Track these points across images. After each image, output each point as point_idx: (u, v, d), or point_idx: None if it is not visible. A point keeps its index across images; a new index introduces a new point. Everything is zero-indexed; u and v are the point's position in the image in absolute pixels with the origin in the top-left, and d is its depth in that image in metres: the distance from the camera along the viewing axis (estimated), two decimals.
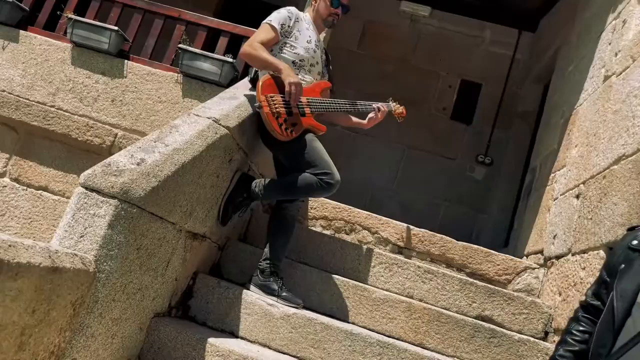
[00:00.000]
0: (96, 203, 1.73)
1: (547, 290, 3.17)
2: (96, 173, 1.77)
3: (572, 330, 1.67)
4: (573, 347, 1.62)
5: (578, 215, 2.99)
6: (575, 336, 1.64)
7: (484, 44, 6.29)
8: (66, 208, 1.74)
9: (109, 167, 1.80)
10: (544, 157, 4.15)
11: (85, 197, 1.74)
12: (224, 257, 2.92)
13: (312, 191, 2.64)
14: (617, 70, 3.06)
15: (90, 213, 1.73)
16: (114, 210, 1.74)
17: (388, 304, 2.78)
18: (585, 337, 1.62)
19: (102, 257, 1.72)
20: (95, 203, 1.73)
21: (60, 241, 1.69)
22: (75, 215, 1.73)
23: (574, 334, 1.65)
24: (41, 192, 3.79)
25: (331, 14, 2.87)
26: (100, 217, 1.72)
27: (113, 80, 3.88)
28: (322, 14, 2.87)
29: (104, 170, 1.78)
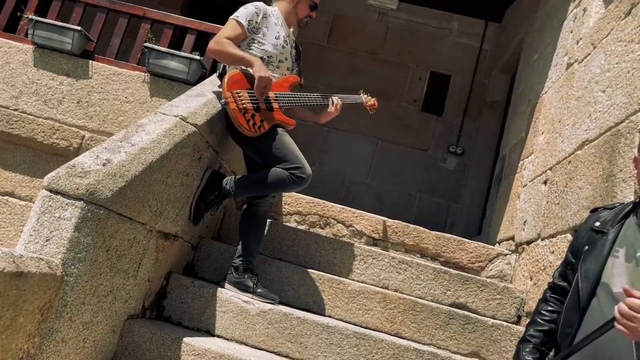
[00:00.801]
0: (61, 206, 1.70)
1: (519, 275, 3.23)
2: (60, 175, 1.74)
3: (541, 310, 1.71)
4: (542, 326, 1.66)
5: (546, 200, 3.05)
6: (544, 316, 1.68)
7: (452, 36, 6.36)
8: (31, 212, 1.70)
9: (74, 168, 1.77)
10: (512, 146, 4.22)
11: (49, 200, 1.71)
12: (197, 256, 2.90)
13: (284, 186, 2.63)
14: (578, 57, 3.12)
15: (55, 216, 1.69)
16: (80, 212, 1.71)
17: (364, 296, 2.79)
18: (554, 317, 1.65)
19: (70, 261, 1.70)
20: (61, 206, 1.70)
21: (26, 246, 1.65)
22: (40, 218, 1.69)
23: (543, 314, 1.69)
24: (7, 198, 3.70)
25: (307, 16, 2.89)
26: (66, 220, 1.69)
27: (78, 81, 3.80)
28: (299, 13, 2.88)
29: (68, 172, 1.75)
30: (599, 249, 1.55)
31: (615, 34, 2.63)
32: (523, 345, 1.66)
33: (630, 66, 2.36)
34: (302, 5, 2.86)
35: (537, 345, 1.64)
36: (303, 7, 2.86)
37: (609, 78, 2.57)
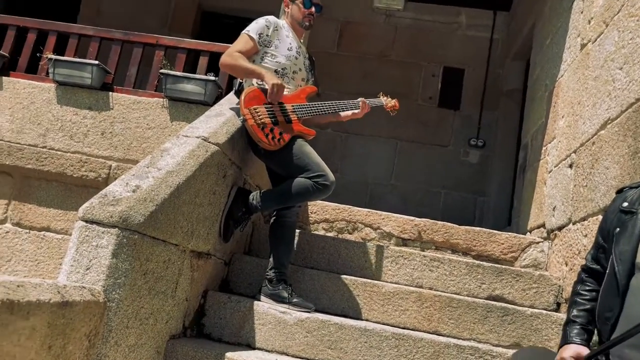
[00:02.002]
0: (98, 234, 1.76)
1: (554, 262, 3.20)
2: (94, 205, 1.81)
3: (579, 291, 1.70)
4: (585, 305, 1.65)
5: (574, 184, 3.02)
6: (584, 295, 1.67)
7: (461, 29, 6.35)
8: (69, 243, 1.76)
9: (106, 197, 1.83)
10: (534, 132, 4.19)
11: (86, 230, 1.77)
12: (231, 272, 2.95)
13: (309, 195, 2.67)
14: (592, 37, 3.09)
15: (93, 245, 1.76)
16: (115, 239, 1.76)
17: (399, 296, 2.80)
18: (594, 296, 1.64)
19: (111, 287, 1.75)
20: (97, 234, 1.76)
21: (68, 276, 1.71)
22: (79, 248, 1.75)
23: (583, 294, 1.68)
24: (44, 232, 3.81)
25: (305, 16, 2.90)
26: (103, 248, 1.75)
27: (100, 113, 3.92)
28: (296, 17, 2.90)
29: (101, 201, 1.81)
30: (630, 229, 1.54)
31: (626, 9, 2.60)
32: (570, 326, 1.64)
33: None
34: (294, 9, 2.90)
35: (584, 325, 1.62)
36: (296, 10, 2.89)
37: (624, 55, 2.55)
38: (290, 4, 2.91)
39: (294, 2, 2.89)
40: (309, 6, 2.87)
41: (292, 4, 2.90)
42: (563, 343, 1.62)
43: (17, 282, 1.31)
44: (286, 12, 2.94)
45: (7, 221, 3.86)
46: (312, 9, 2.89)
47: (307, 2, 2.87)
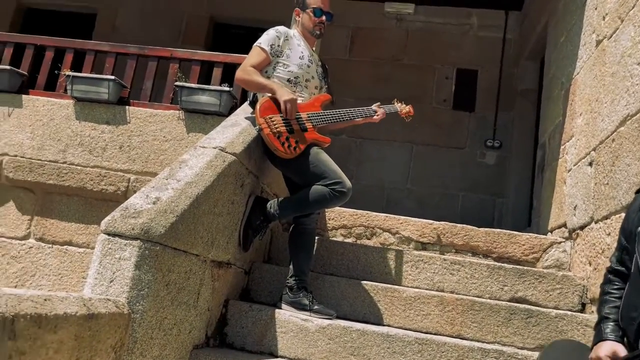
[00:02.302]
0: (120, 247, 1.78)
1: (577, 262, 3.15)
2: (115, 218, 1.83)
3: (608, 290, 1.68)
4: (615, 303, 1.63)
5: (594, 182, 2.98)
6: (614, 294, 1.65)
7: (473, 30, 6.33)
8: (92, 257, 1.79)
9: (127, 210, 1.86)
10: (551, 131, 4.15)
11: (108, 242, 1.79)
12: (251, 280, 2.96)
13: (326, 202, 2.67)
14: (607, 33, 3.06)
15: (116, 257, 1.78)
16: (137, 251, 1.78)
17: (420, 301, 2.78)
18: (622, 293, 1.62)
19: (134, 298, 1.77)
20: (119, 247, 1.78)
21: (92, 289, 1.74)
22: (102, 261, 1.78)
23: (612, 293, 1.66)
24: (66, 247, 3.87)
25: (316, 24, 2.91)
26: (126, 260, 1.77)
27: (118, 127, 3.97)
28: (307, 26, 2.92)
29: (122, 214, 1.84)
30: None
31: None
32: (603, 323, 1.61)
33: None
34: (305, 18, 2.91)
35: (617, 322, 1.60)
36: (307, 19, 2.91)
37: None
38: (301, 13, 2.93)
39: (305, 11, 2.91)
40: (319, 15, 2.89)
41: (302, 13, 2.92)
42: (597, 340, 1.60)
43: (44, 295, 1.33)
44: (297, 21, 2.96)
45: (30, 236, 3.93)
46: (322, 18, 2.90)
47: (318, 11, 2.88)
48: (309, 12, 2.90)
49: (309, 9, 2.89)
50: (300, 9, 2.93)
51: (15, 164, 3.94)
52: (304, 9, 2.91)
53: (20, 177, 3.91)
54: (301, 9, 2.93)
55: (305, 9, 2.91)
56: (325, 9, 2.90)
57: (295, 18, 2.99)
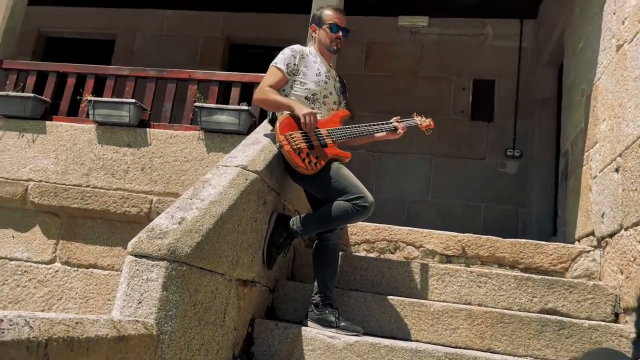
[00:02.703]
0: (147, 268, 1.79)
1: (608, 270, 3.08)
2: (142, 239, 1.84)
3: None
4: None
5: (622, 188, 2.92)
6: None
7: (488, 40, 6.31)
8: (120, 279, 1.79)
9: (153, 231, 1.87)
10: (573, 138, 4.09)
11: (136, 264, 1.80)
12: (276, 298, 2.94)
13: (349, 217, 2.65)
14: (627, 37, 3.03)
15: (143, 279, 1.78)
16: (165, 271, 1.79)
17: (448, 315, 2.74)
18: None
19: (162, 319, 1.77)
20: (147, 268, 1.79)
21: (121, 311, 1.74)
22: (130, 283, 1.78)
23: None
24: (91, 269, 3.90)
25: (333, 40, 2.92)
26: (153, 281, 1.77)
27: (139, 149, 4.02)
28: (324, 42, 2.94)
29: (148, 235, 1.85)
30: None
31: None
32: None
33: None
34: (322, 34, 2.93)
35: None
36: (324, 35, 2.92)
37: None
38: (317, 29, 2.95)
39: (321, 27, 2.93)
40: (336, 30, 2.91)
41: (319, 29, 2.94)
42: None
43: (76, 319, 1.34)
44: (314, 37, 2.98)
45: (56, 260, 3.97)
46: (339, 33, 2.92)
47: (334, 27, 2.90)
48: (325, 28, 2.91)
49: (325, 25, 2.91)
50: (317, 25, 2.95)
51: (41, 189, 4.00)
52: (320, 25, 2.93)
53: (45, 202, 3.97)
54: (317, 26, 2.95)
55: (322, 25, 2.93)
56: (342, 24, 2.92)
57: (311, 35, 3.01)
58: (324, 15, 2.93)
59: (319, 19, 2.94)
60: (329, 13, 2.93)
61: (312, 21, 2.98)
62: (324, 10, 2.95)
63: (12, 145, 4.19)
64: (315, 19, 2.96)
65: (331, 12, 2.94)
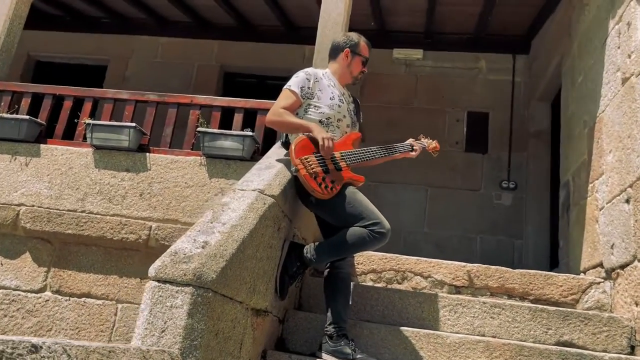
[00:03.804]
0: (171, 294, 1.69)
1: (620, 302, 3.05)
2: (166, 264, 1.74)
3: None
4: None
5: (634, 219, 2.91)
6: None
7: (482, 74, 6.40)
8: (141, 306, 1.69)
9: (176, 255, 1.77)
10: (575, 170, 4.11)
11: (159, 290, 1.70)
12: (286, 329, 2.83)
13: (365, 245, 2.58)
14: (634, 70, 3.07)
15: (167, 305, 1.68)
16: (190, 298, 1.69)
17: (465, 347, 2.66)
18: None
19: (187, 349, 1.66)
20: (171, 294, 1.68)
21: (143, 340, 1.63)
22: (153, 310, 1.68)
23: None
24: (84, 299, 3.73)
25: (360, 72, 2.96)
26: (178, 308, 1.67)
27: (138, 174, 3.91)
28: (353, 70, 2.94)
29: (172, 259, 1.75)
30: None
31: None
32: None
33: None
34: (355, 63, 2.93)
35: None
36: (357, 64, 2.93)
37: None
38: (351, 55, 2.93)
39: (357, 55, 2.92)
40: (365, 64, 2.97)
41: (353, 55, 2.93)
42: None
43: (108, 347, 1.24)
44: (343, 60, 2.94)
45: (47, 289, 3.79)
46: (365, 69, 2.97)
47: (366, 61, 2.96)
48: (359, 58, 2.93)
49: (360, 56, 2.93)
50: (352, 52, 2.93)
51: (33, 214, 3.85)
52: (356, 53, 2.93)
53: (37, 227, 3.82)
54: (352, 52, 2.93)
55: (357, 54, 2.93)
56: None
57: (341, 56, 2.96)
58: (362, 46, 2.94)
59: (356, 46, 2.93)
60: (365, 45, 2.96)
61: (347, 44, 2.95)
62: (362, 39, 2.96)
63: (3, 169, 4.04)
64: (352, 44, 2.94)
65: (367, 46, 2.97)
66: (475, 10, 5.66)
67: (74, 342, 1.15)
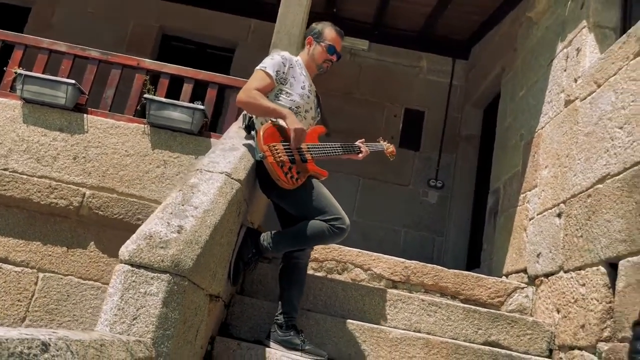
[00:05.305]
0: (146, 280, 1.59)
1: (541, 308, 3.29)
2: (141, 248, 1.63)
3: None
4: None
5: (564, 233, 3.15)
6: None
7: (422, 73, 6.57)
8: (108, 289, 1.58)
9: (152, 239, 1.67)
10: (507, 179, 4.36)
11: (132, 274, 1.59)
12: (231, 314, 2.78)
13: (325, 238, 2.59)
14: (580, 95, 3.29)
15: (140, 292, 1.58)
16: (166, 285, 1.60)
17: (406, 343, 2.76)
18: None
19: (159, 339, 1.58)
20: (145, 280, 1.59)
21: (111, 327, 1.52)
22: (124, 296, 1.57)
23: None
24: (1, 264, 3.43)
25: (325, 61, 2.86)
26: (152, 295, 1.58)
27: (73, 136, 3.63)
28: (317, 59, 2.84)
29: (148, 243, 1.65)
30: None
31: (625, 73, 2.80)
32: None
33: None
34: (318, 51, 2.84)
35: None
36: (319, 52, 2.83)
37: (625, 115, 2.72)
38: (314, 43, 2.84)
39: (319, 43, 2.83)
40: (332, 53, 2.83)
41: (316, 43, 2.84)
42: None
43: (99, 341, 1.15)
44: (307, 49, 2.88)
45: None
46: (334, 57, 2.86)
47: (332, 49, 2.83)
48: (323, 45, 2.82)
49: (324, 43, 2.82)
50: (315, 40, 2.84)
51: None
52: (319, 40, 2.84)
53: None
54: (315, 40, 2.84)
55: (320, 42, 2.83)
56: (338, 48, 2.87)
57: (306, 44, 2.90)
58: (326, 33, 2.83)
59: (320, 34, 2.84)
60: (331, 33, 2.83)
61: (311, 33, 2.87)
62: (326, 27, 2.85)
63: None
64: (315, 32, 2.86)
65: (333, 33, 2.84)
66: (427, 11, 5.78)
67: (71, 335, 1.05)
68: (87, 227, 3.46)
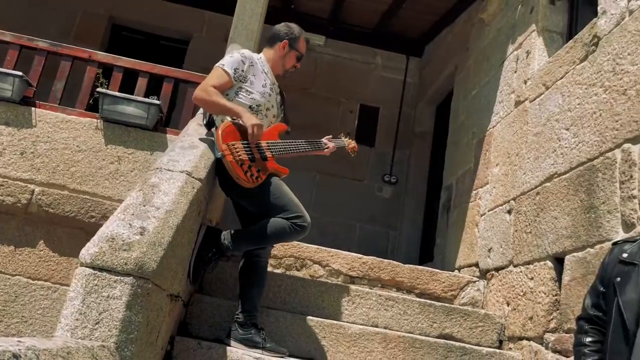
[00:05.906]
0: (109, 284, 1.56)
1: (492, 300, 3.43)
2: (104, 250, 1.60)
3: (584, 342, 1.82)
4: (593, 356, 1.78)
5: (514, 229, 3.28)
6: (590, 347, 1.80)
7: (377, 70, 6.66)
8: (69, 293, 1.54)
9: (114, 241, 1.63)
10: (460, 175, 4.49)
11: (94, 278, 1.56)
12: (190, 313, 2.75)
13: (285, 236, 2.60)
14: (529, 96, 3.43)
15: (103, 296, 1.55)
16: (130, 289, 1.57)
17: (364, 338, 2.81)
18: (598, 346, 1.78)
19: (123, 343, 1.55)
20: (108, 284, 1.56)
21: (73, 332, 1.49)
22: (86, 300, 1.53)
23: (588, 345, 1.81)
24: None
25: (293, 66, 2.93)
26: (116, 299, 1.55)
27: (20, 130, 3.49)
28: (287, 63, 2.90)
29: (111, 245, 1.61)
30: (634, 279, 1.71)
31: (572, 77, 2.93)
32: None
33: (596, 107, 2.65)
34: (290, 57, 2.89)
35: None
36: (291, 58, 2.89)
37: (571, 117, 2.86)
38: (289, 48, 2.86)
39: (293, 50, 2.87)
40: (299, 61, 2.95)
41: (290, 49, 2.87)
42: None
43: (66, 348, 1.13)
44: (278, 50, 2.87)
45: None
46: (298, 64, 2.95)
47: (300, 57, 2.93)
48: (295, 53, 2.89)
49: (296, 51, 2.88)
50: (290, 45, 2.86)
51: None
52: (293, 47, 2.87)
53: None
54: (290, 46, 2.86)
55: (294, 48, 2.87)
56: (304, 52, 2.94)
57: (275, 45, 2.89)
58: (300, 42, 2.90)
59: (296, 40, 2.87)
60: (303, 42, 2.92)
61: (286, 36, 2.87)
62: (302, 35, 2.92)
63: None
64: (292, 37, 2.86)
65: (304, 42, 2.94)
66: (382, 8, 5.85)
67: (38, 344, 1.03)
68: (36, 225, 3.34)
